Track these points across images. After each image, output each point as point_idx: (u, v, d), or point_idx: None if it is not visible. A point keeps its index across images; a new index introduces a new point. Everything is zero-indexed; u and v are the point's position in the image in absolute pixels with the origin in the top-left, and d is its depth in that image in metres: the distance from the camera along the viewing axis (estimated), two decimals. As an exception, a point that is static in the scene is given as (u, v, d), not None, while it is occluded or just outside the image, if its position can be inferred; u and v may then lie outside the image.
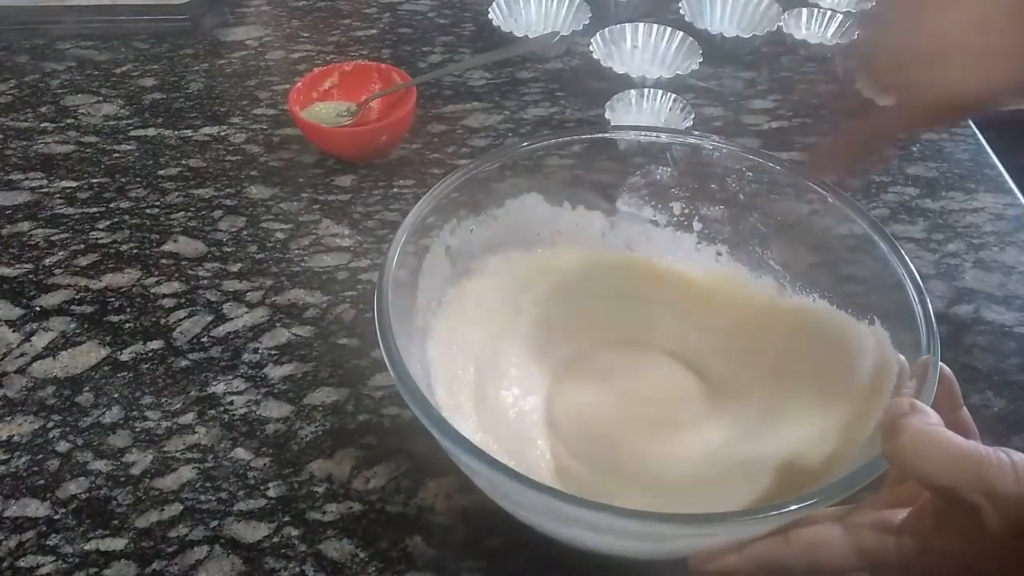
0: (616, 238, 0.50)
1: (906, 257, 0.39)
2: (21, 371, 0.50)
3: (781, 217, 0.47)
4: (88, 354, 0.51)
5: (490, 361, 0.45)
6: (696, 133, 0.48)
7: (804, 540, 0.32)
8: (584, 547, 0.36)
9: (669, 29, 0.76)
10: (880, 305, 0.41)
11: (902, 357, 0.38)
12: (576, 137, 0.47)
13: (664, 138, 0.47)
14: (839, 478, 0.32)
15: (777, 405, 0.43)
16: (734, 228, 0.49)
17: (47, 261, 0.57)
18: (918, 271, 0.57)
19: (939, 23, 0.35)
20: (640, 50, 0.78)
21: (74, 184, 0.63)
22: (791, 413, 0.42)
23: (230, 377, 0.50)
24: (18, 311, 0.54)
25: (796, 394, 0.43)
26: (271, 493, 0.44)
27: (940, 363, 0.35)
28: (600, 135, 0.47)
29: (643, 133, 0.48)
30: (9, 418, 0.47)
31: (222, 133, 0.69)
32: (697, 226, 0.50)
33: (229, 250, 0.58)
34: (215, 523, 0.42)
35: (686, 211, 0.50)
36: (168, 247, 0.58)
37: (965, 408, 0.36)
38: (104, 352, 0.51)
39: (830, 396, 0.41)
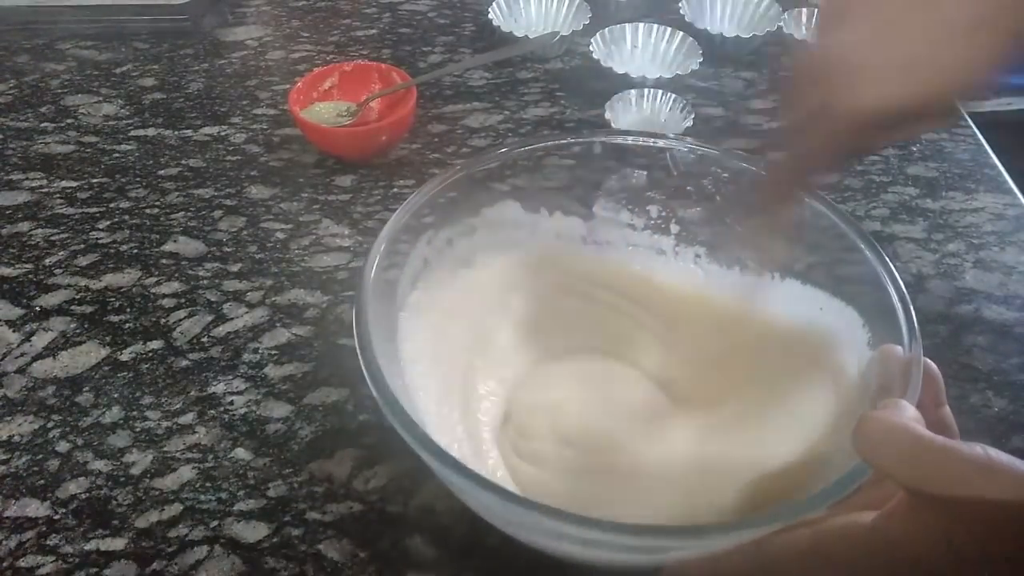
0: (595, 243, 0.50)
1: (885, 256, 0.39)
2: (21, 371, 0.50)
3: (758, 217, 0.47)
4: (88, 354, 0.51)
5: (464, 370, 0.45)
6: (670, 136, 0.48)
7: (770, 550, 0.31)
8: (565, 558, 0.36)
9: (669, 29, 0.76)
10: (861, 305, 0.41)
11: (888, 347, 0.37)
12: (551, 143, 0.47)
13: (639, 141, 0.47)
14: (824, 487, 0.31)
15: (754, 411, 0.42)
16: (711, 230, 0.49)
17: (47, 261, 0.57)
18: (918, 271, 0.58)
19: (917, 25, 0.34)
20: (640, 50, 0.78)
21: (74, 184, 0.63)
22: (769, 419, 0.42)
23: (230, 377, 0.50)
24: (18, 311, 0.54)
25: (774, 399, 0.42)
26: (271, 493, 0.44)
27: (925, 359, 0.35)
28: (575, 140, 0.47)
29: (619, 137, 0.48)
30: (9, 418, 0.47)
31: (222, 133, 0.69)
32: (675, 228, 0.50)
33: (229, 250, 0.58)
34: (215, 523, 0.42)
35: (663, 214, 0.50)
36: (168, 247, 0.58)
37: (947, 407, 0.35)
38: (104, 352, 0.51)
39: (810, 399, 0.41)
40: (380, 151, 0.66)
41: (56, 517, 0.43)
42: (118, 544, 0.42)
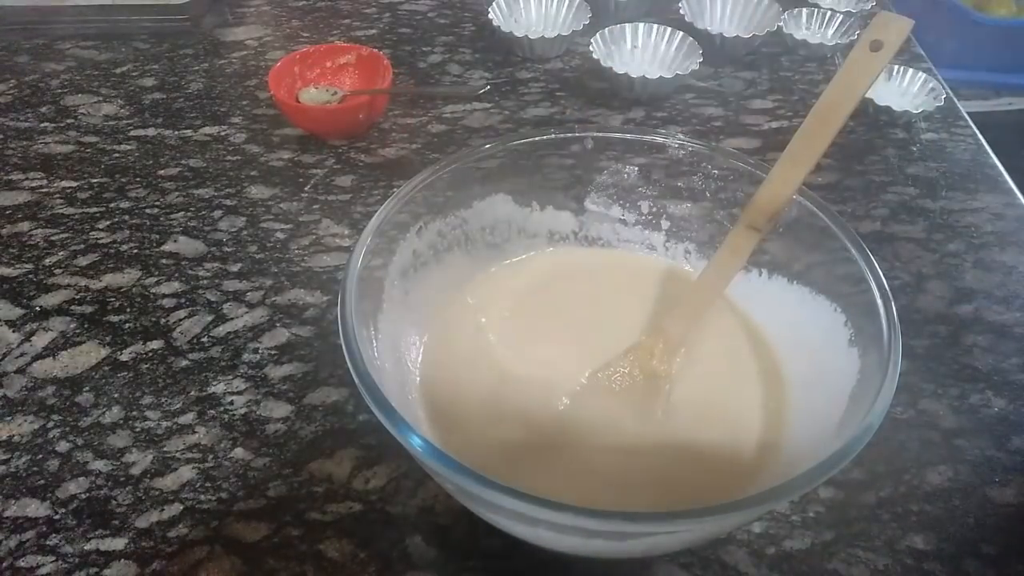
0: (586, 238, 0.51)
1: (869, 254, 0.39)
2: (21, 371, 0.50)
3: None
4: (88, 354, 0.51)
5: (448, 366, 0.45)
6: (661, 132, 0.48)
7: None
8: (552, 548, 0.36)
9: (669, 29, 0.76)
10: (844, 303, 0.41)
11: None
12: (543, 138, 0.47)
13: (631, 136, 0.48)
14: (820, 461, 0.31)
15: (722, 399, 0.43)
16: (701, 226, 0.49)
17: (47, 261, 0.57)
18: (918, 271, 0.58)
19: None
20: (640, 50, 0.78)
21: (74, 184, 0.63)
22: (733, 407, 0.42)
23: (230, 377, 0.50)
24: (18, 311, 0.54)
25: (743, 388, 0.43)
26: (271, 493, 0.44)
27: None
28: (567, 135, 0.47)
29: (611, 132, 0.48)
30: (9, 418, 0.47)
31: (222, 133, 0.69)
32: (665, 224, 0.50)
33: (229, 250, 0.58)
34: (215, 523, 0.42)
35: (654, 209, 0.50)
36: (168, 247, 0.58)
37: None
38: (104, 352, 0.51)
39: (781, 392, 0.42)
40: (358, 129, 0.68)
41: (56, 517, 0.43)
42: (118, 544, 0.42)
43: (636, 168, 0.49)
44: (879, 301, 0.37)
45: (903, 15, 0.37)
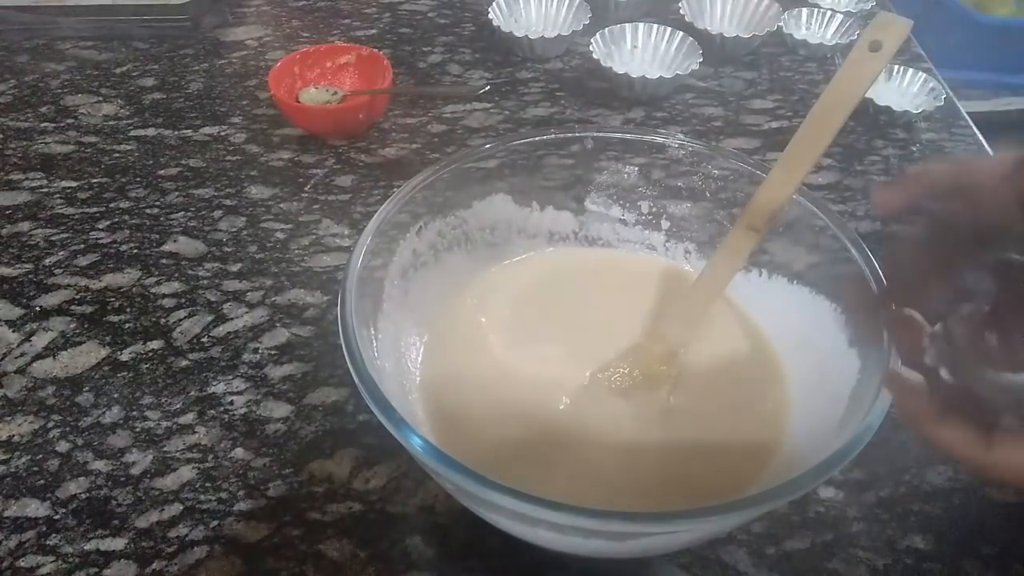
0: (586, 238, 0.51)
1: (870, 254, 0.39)
2: (21, 371, 0.50)
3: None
4: (88, 354, 0.51)
5: (454, 361, 0.45)
6: (661, 132, 0.48)
7: None
8: (552, 548, 0.37)
9: (669, 29, 0.76)
10: (844, 300, 0.41)
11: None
12: (543, 138, 0.47)
13: (631, 136, 0.48)
14: (820, 461, 0.31)
15: (719, 399, 0.43)
16: (701, 226, 0.49)
17: (47, 261, 0.57)
18: (918, 271, 0.58)
19: None
20: (640, 50, 0.78)
21: (74, 184, 0.63)
22: (732, 406, 0.43)
23: (230, 377, 0.50)
24: (18, 311, 0.54)
25: (740, 388, 0.44)
26: (271, 493, 0.44)
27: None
28: (567, 135, 0.48)
29: (611, 132, 0.48)
30: (9, 418, 0.47)
31: (222, 133, 0.69)
32: (665, 224, 0.50)
33: (229, 250, 0.58)
34: (215, 523, 0.42)
35: (654, 209, 0.50)
36: (168, 247, 0.58)
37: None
38: (104, 352, 0.51)
39: (780, 391, 0.42)
40: (358, 129, 0.68)
41: (56, 517, 0.43)
42: (118, 544, 0.42)
43: (636, 168, 0.49)
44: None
45: (903, 15, 0.37)
